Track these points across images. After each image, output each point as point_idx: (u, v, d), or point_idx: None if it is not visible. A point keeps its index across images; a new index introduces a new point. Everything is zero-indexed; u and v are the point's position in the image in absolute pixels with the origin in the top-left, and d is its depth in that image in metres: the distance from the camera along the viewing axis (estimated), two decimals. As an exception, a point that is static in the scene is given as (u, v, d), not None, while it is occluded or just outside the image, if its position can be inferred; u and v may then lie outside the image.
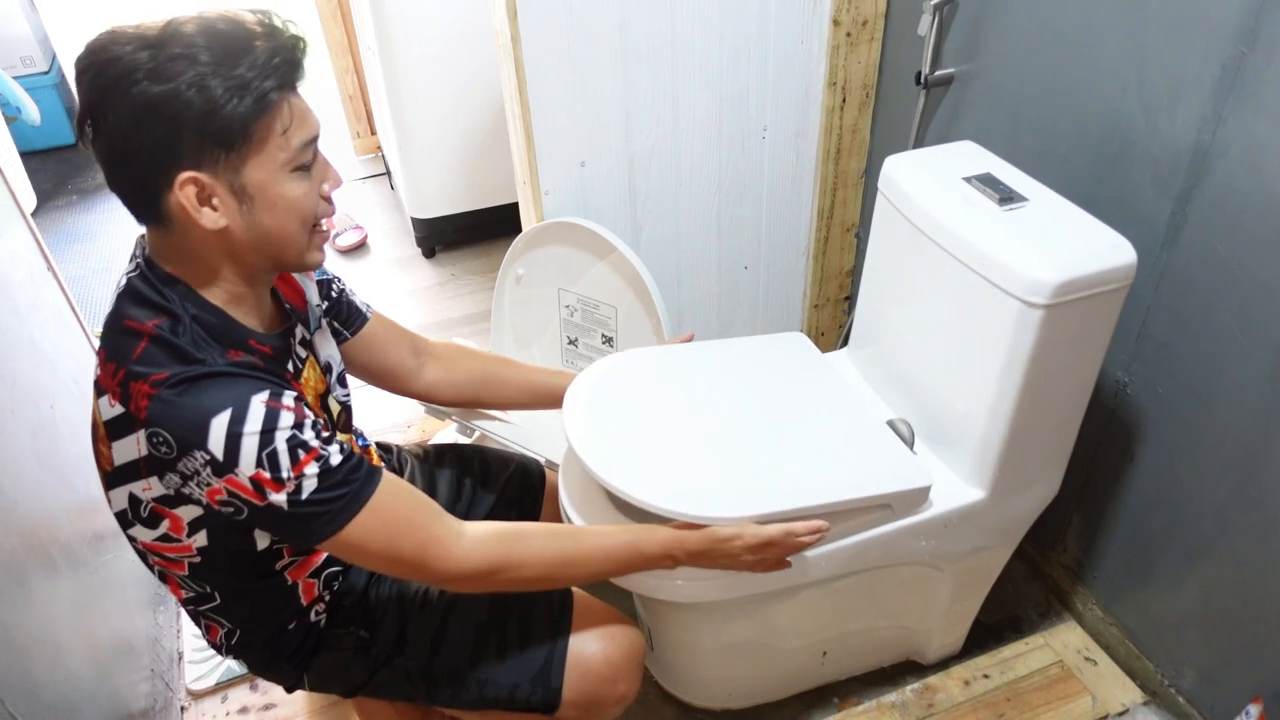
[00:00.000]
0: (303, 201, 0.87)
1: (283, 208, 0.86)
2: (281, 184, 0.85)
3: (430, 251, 2.76)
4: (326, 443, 0.87)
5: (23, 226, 1.63)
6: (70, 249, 2.86)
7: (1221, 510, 1.24)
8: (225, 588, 1.00)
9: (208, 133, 0.79)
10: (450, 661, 1.09)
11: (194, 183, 0.80)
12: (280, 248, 0.89)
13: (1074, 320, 1.09)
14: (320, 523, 0.86)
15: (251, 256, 0.88)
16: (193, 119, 0.78)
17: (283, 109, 0.83)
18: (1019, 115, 1.40)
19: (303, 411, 0.86)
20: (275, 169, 0.84)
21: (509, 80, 1.49)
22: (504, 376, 1.31)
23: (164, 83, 0.76)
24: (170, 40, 0.78)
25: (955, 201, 1.19)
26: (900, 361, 1.35)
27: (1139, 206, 1.23)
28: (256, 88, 0.79)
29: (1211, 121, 1.10)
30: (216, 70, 0.78)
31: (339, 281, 1.16)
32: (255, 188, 0.83)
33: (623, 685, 1.12)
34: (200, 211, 0.82)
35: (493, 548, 0.96)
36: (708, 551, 1.05)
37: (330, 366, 1.10)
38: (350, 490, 0.87)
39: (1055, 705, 1.44)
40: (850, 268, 1.96)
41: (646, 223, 1.70)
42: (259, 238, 0.86)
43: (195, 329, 0.85)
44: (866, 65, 1.68)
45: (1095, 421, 1.36)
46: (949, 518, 1.23)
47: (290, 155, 0.84)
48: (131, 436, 0.83)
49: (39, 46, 3.26)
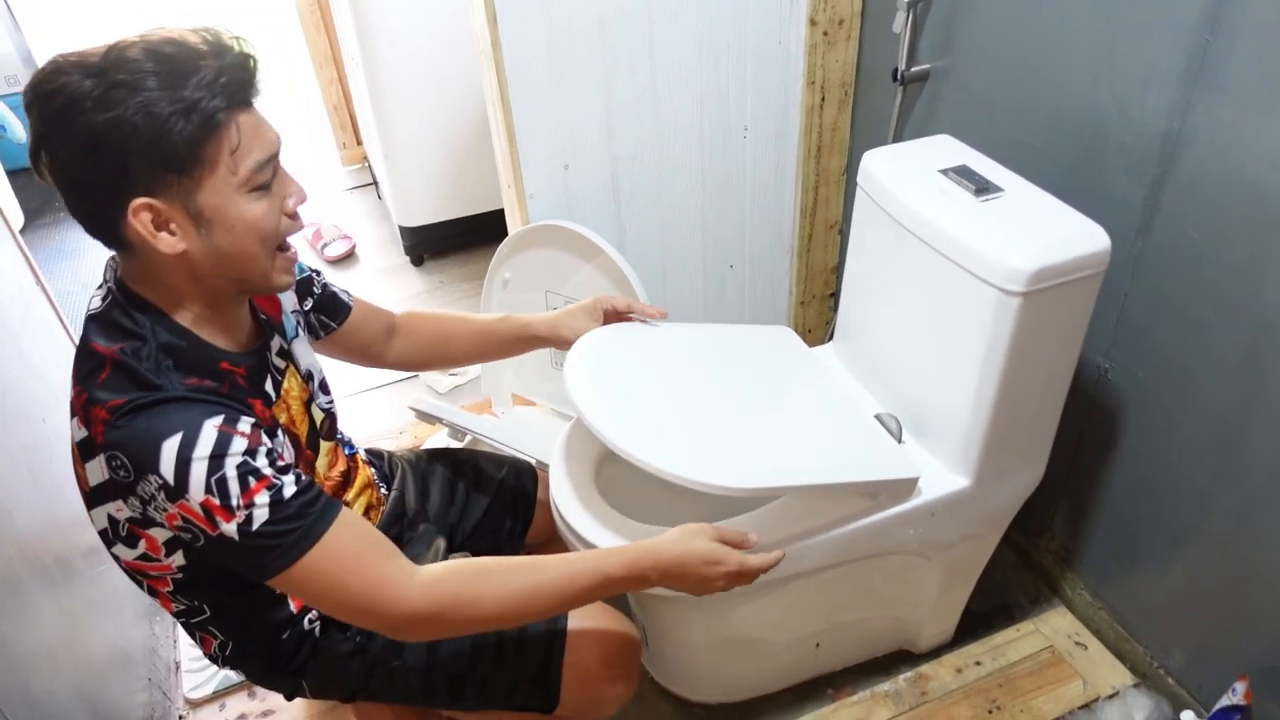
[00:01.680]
0: (262, 221, 0.85)
1: (241, 229, 0.84)
2: (238, 205, 0.83)
3: (419, 259, 2.77)
4: (282, 472, 0.85)
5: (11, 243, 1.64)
6: (59, 265, 2.86)
7: (1203, 492, 1.26)
8: (213, 601, 1.00)
9: (156, 158, 0.77)
10: (448, 664, 1.10)
11: (148, 209, 0.79)
12: (243, 269, 0.87)
13: (1052, 307, 1.10)
14: (271, 556, 0.83)
15: (215, 280, 0.87)
16: (140, 145, 0.76)
17: (230, 129, 0.80)
18: (994, 108, 1.42)
19: (259, 439, 0.84)
20: (230, 191, 0.82)
21: (490, 86, 1.50)
22: (454, 332, 1.30)
23: (109, 110, 0.75)
24: (114, 66, 0.76)
25: (932, 194, 1.21)
26: (884, 354, 1.37)
27: (1113, 194, 1.25)
28: (204, 108, 0.77)
29: (1180, 109, 1.13)
30: (162, 94, 0.76)
31: (319, 276, 1.16)
32: (211, 210, 0.82)
33: (620, 684, 1.13)
34: (157, 237, 0.80)
35: (448, 586, 0.90)
36: (683, 573, 0.97)
37: (311, 374, 1.10)
38: (303, 525, 0.84)
39: (1047, 690, 1.45)
40: (835, 264, 1.97)
41: (631, 224, 1.71)
42: (219, 260, 0.85)
43: (160, 355, 0.84)
44: (844, 63, 1.70)
45: (1077, 408, 1.38)
46: (935, 506, 1.25)
47: (246, 176, 0.82)
48: (95, 460, 0.83)
49: (23, 65, 3.26)
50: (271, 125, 0.86)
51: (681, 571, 0.96)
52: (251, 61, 0.83)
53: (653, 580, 0.96)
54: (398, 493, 1.25)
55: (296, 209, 0.90)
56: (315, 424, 1.08)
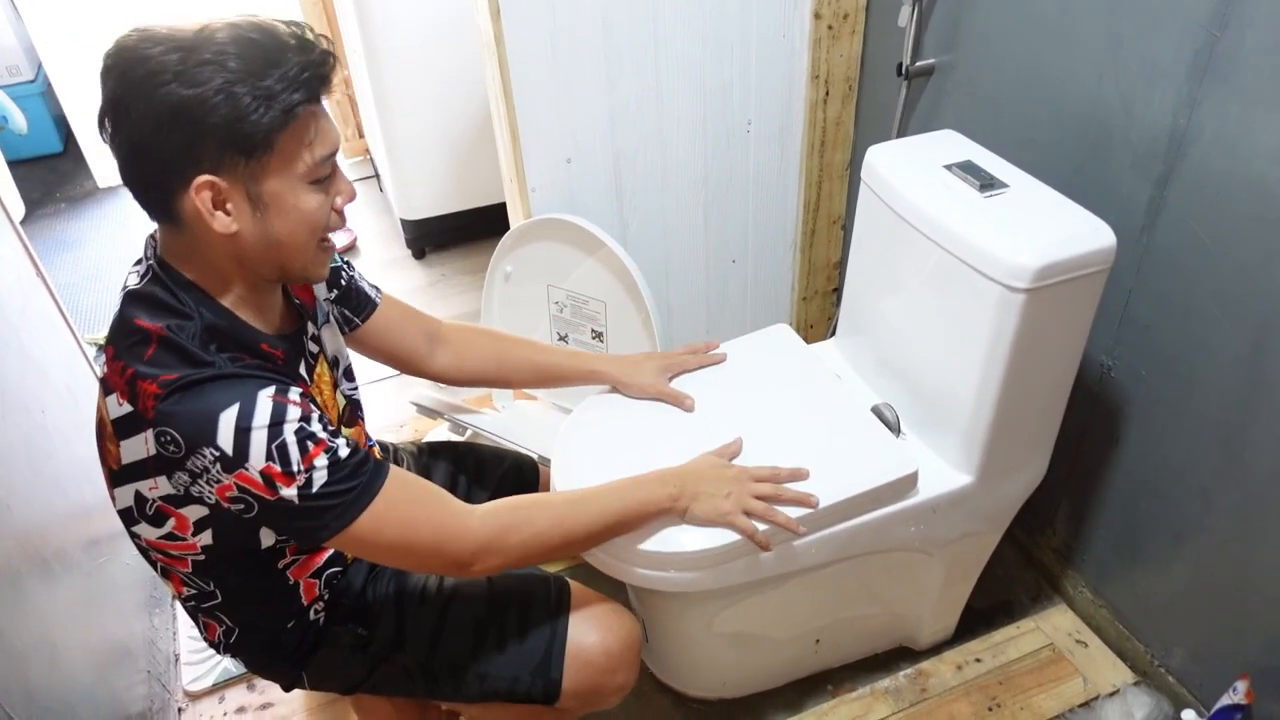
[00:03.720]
0: (316, 213, 0.88)
1: (295, 218, 0.87)
2: (298, 194, 0.86)
3: (420, 253, 2.76)
4: (334, 435, 0.88)
5: (11, 234, 1.64)
6: (60, 256, 2.85)
7: (1206, 490, 1.25)
8: (227, 585, 1.00)
9: (230, 140, 0.79)
10: (450, 655, 1.10)
11: (210, 187, 0.81)
12: (288, 257, 0.89)
13: (1056, 304, 1.10)
14: (332, 515, 0.87)
15: (258, 264, 0.89)
16: (217, 125, 0.78)
17: (308, 123, 0.83)
18: (999, 104, 1.41)
19: (309, 406, 0.87)
20: (294, 180, 0.85)
21: (493, 80, 1.50)
22: (514, 360, 1.30)
23: (192, 87, 0.77)
24: (202, 45, 0.78)
25: (937, 189, 1.20)
26: (887, 350, 1.36)
27: (1118, 191, 1.24)
28: (284, 100, 0.80)
29: (1187, 105, 1.12)
30: (245, 78, 0.78)
31: (348, 268, 1.16)
32: (271, 196, 0.84)
33: (621, 674, 1.13)
34: (214, 215, 0.82)
35: (503, 515, 0.98)
36: (699, 474, 1.12)
37: (337, 361, 1.11)
38: (360, 483, 0.88)
39: (1047, 687, 1.45)
40: (837, 260, 1.97)
41: (633, 218, 1.71)
42: (268, 246, 0.87)
43: (205, 335, 0.86)
44: (848, 58, 1.69)
45: (1080, 405, 1.38)
46: (937, 503, 1.24)
47: (310, 168, 0.85)
48: (140, 435, 0.84)
49: (25, 56, 3.26)
50: (334, 123, 0.88)
51: (698, 473, 1.12)
52: (332, 60, 0.85)
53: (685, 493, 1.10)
54: None
55: (344, 207, 0.92)
56: (340, 410, 1.09)
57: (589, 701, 1.13)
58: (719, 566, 1.14)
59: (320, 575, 1.08)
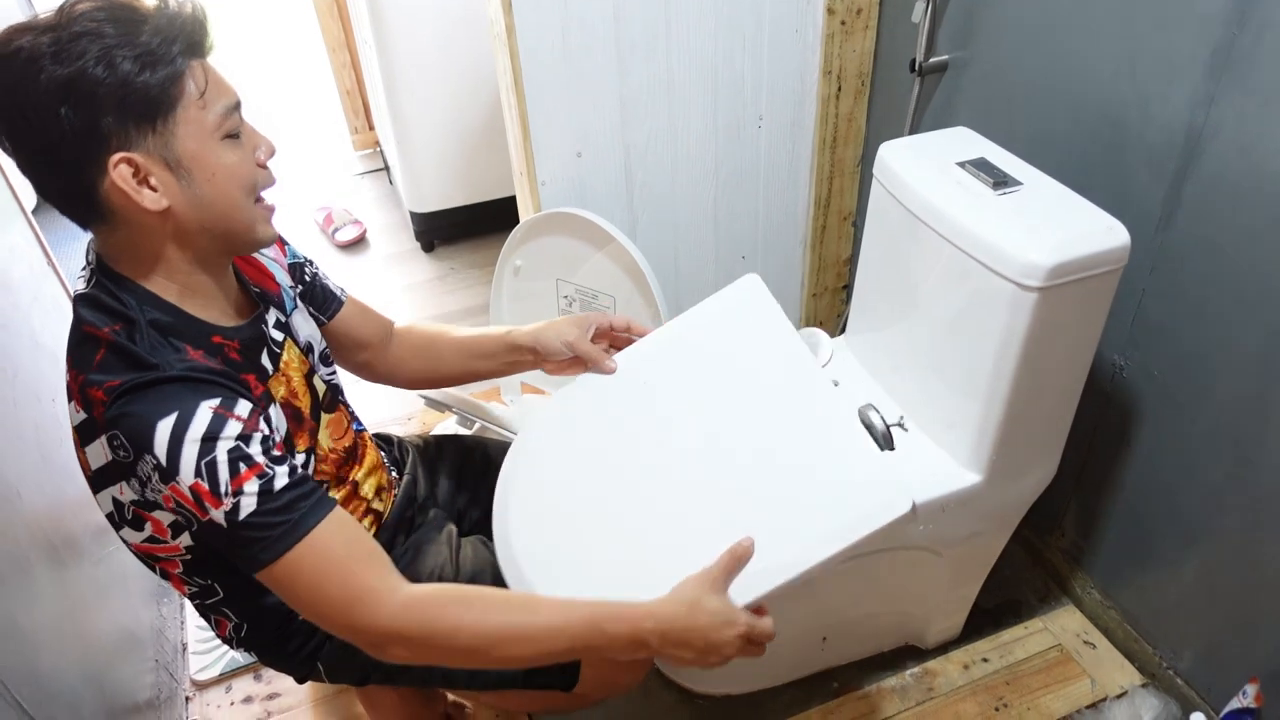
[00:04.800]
0: (239, 168, 0.85)
1: (222, 176, 0.83)
2: (215, 152, 0.83)
3: (429, 246, 2.76)
4: (276, 461, 0.82)
5: (23, 222, 1.64)
6: (70, 245, 2.85)
7: (1217, 492, 1.25)
8: (225, 582, 1.00)
9: (127, 107, 0.76)
10: None
11: (127, 163, 0.78)
12: (227, 221, 0.86)
13: (1069, 303, 1.09)
14: (258, 548, 0.81)
15: (199, 237, 0.86)
16: (109, 96, 0.75)
17: (196, 73, 0.80)
18: (1013, 100, 1.40)
19: (255, 424, 0.82)
20: (204, 137, 0.81)
21: (504, 72, 1.49)
22: (441, 344, 1.23)
23: (71, 63, 0.74)
24: (69, 21, 0.76)
25: (949, 186, 1.19)
26: (897, 347, 1.36)
27: (1133, 190, 1.23)
28: (164, 53, 0.77)
29: (1204, 104, 1.11)
30: (121, 42, 0.75)
31: (311, 265, 1.14)
32: (189, 159, 0.81)
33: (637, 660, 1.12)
34: (140, 193, 0.79)
35: (428, 610, 0.84)
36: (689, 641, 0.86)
37: (311, 347, 1.09)
38: (291, 519, 0.81)
39: (1054, 688, 1.45)
40: (848, 256, 1.96)
41: (643, 212, 1.70)
42: (204, 213, 0.84)
43: (152, 333, 0.83)
44: (861, 53, 1.68)
45: (1092, 405, 1.37)
46: (946, 502, 1.24)
47: (214, 122, 0.82)
48: (97, 442, 0.83)
49: (37, 45, 3.26)
50: (229, 83, 0.85)
51: (687, 640, 0.86)
52: (201, 11, 0.82)
53: (653, 648, 0.87)
54: (409, 477, 1.25)
55: (268, 161, 0.89)
56: (318, 395, 1.07)
57: (604, 688, 1.13)
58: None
59: None
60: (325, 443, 1.07)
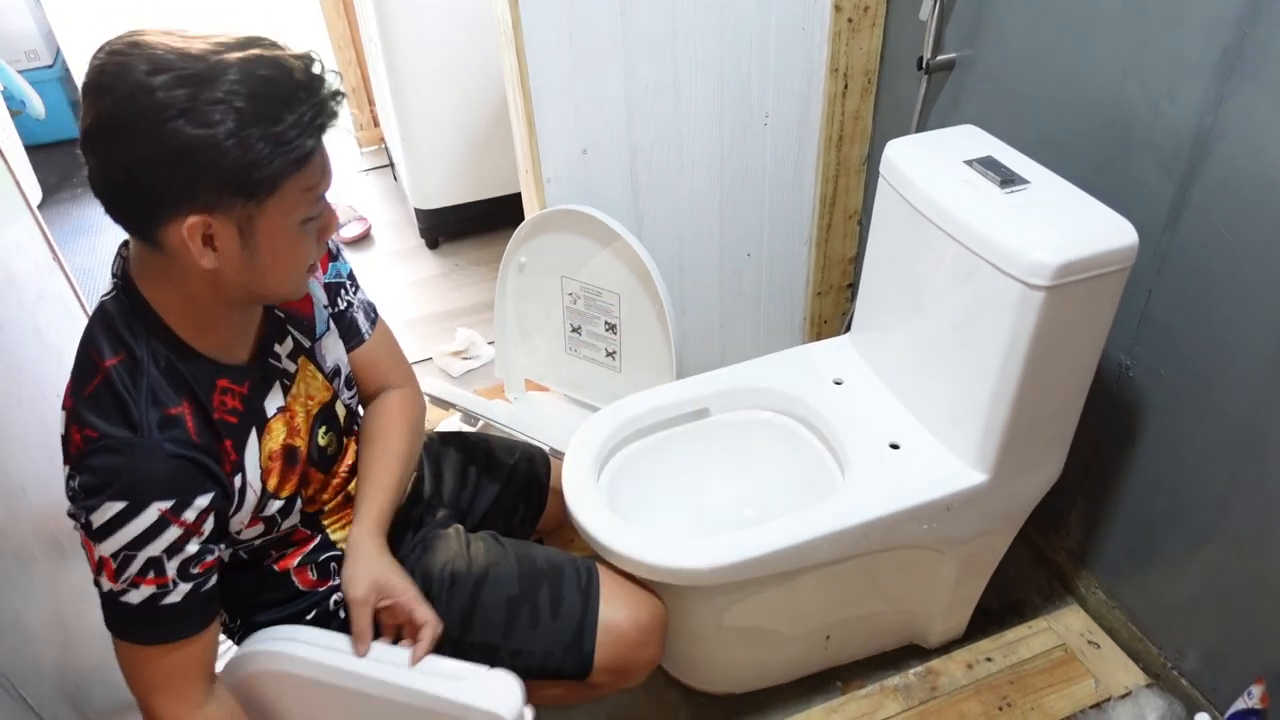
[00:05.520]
0: (303, 251, 0.86)
1: (285, 255, 0.84)
2: (290, 236, 0.83)
3: (434, 243, 2.76)
4: (184, 578, 0.85)
5: (29, 218, 1.64)
6: (77, 241, 2.87)
7: (1224, 493, 1.24)
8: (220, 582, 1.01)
9: (235, 181, 0.75)
10: (483, 635, 1.11)
11: (204, 225, 0.77)
12: (269, 289, 0.87)
13: (1076, 302, 1.09)
14: (112, 620, 0.87)
15: (236, 291, 0.86)
16: (223, 168, 0.74)
17: (315, 166, 0.80)
18: (1021, 99, 1.40)
19: (197, 529, 0.84)
20: (288, 221, 0.82)
21: (510, 68, 1.49)
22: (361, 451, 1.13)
23: (202, 127, 0.72)
24: (212, 80, 0.73)
25: (956, 185, 1.19)
26: (902, 346, 1.35)
27: (1141, 188, 1.23)
28: (297, 145, 0.76)
29: (1213, 103, 1.10)
30: (257, 122, 0.74)
31: (349, 291, 1.11)
32: (264, 236, 0.81)
33: (651, 648, 1.15)
34: (203, 253, 0.79)
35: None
36: None
37: (339, 370, 1.08)
38: (150, 630, 0.87)
39: (1058, 688, 1.44)
40: (853, 255, 1.95)
41: (649, 210, 1.70)
42: (251, 278, 0.84)
43: (154, 375, 0.84)
44: (868, 51, 1.67)
45: (1098, 404, 1.36)
46: (951, 501, 1.23)
47: (306, 210, 0.83)
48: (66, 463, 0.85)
49: (43, 41, 3.27)
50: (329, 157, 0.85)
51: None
52: (340, 97, 0.82)
53: None
54: (416, 474, 1.25)
55: (324, 245, 0.90)
56: (340, 421, 1.08)
57: (619, 676, 1.15)
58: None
59: (311, 562, 1.07)
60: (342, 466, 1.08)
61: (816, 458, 1.38)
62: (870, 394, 1.39)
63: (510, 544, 1.20)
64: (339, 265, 1.10)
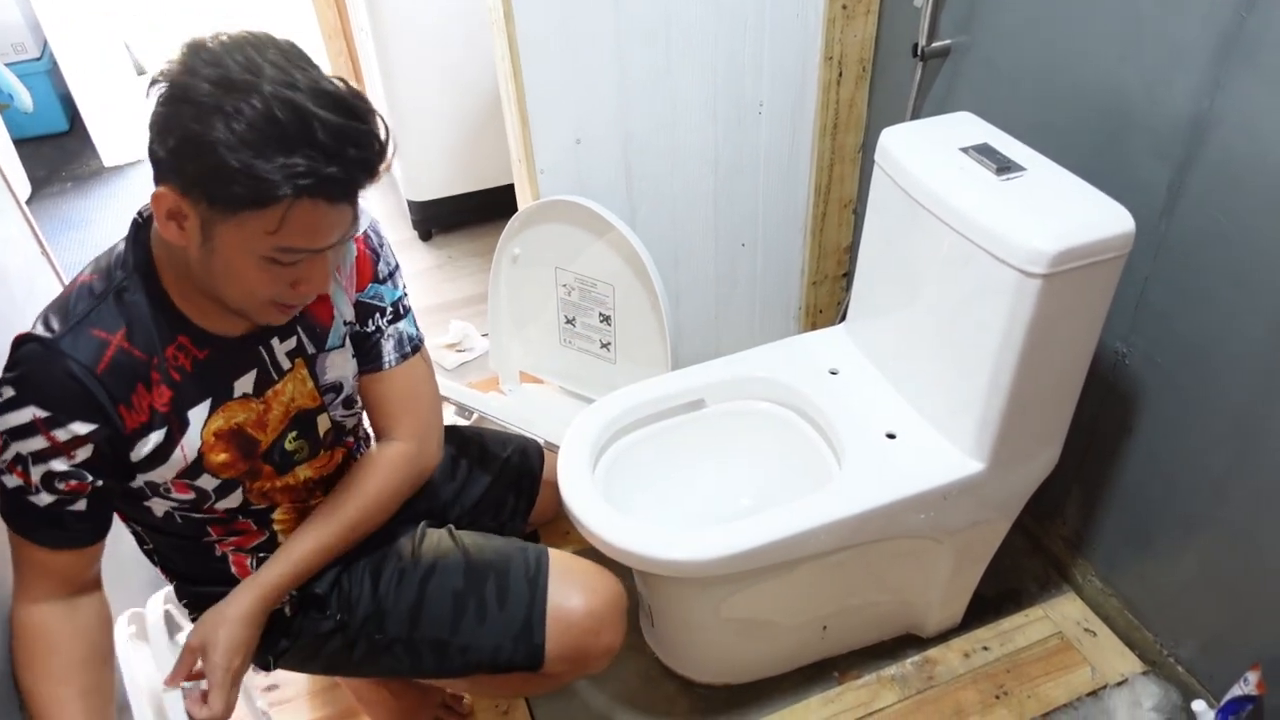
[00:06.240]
0: (256, 286, 0.84)
1: (236, 280, 0.84)
2: (245, 262, 0.82)
3: (427, 234, 2.75)
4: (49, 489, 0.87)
5: (17, 213, 1.62)
6: (65, 236, 2.85)
7: (1220, 480, 1.24)
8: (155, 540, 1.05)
9: (205, 184, 0.77)
10: (431, 632, 1.10)
11: (171, 199, 0.79)
12: (224, 296, 0.87)
13: (1072, 290, 1.08)
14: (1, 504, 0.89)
15: (200, 279, 0.87)
16: (202, 166, 0.76)
17: (277, 214, 0.78)
18: (1017, 86, 1.39)
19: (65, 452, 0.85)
20: (245, 249, 0.81)
21: (502, 58, 1.48)
22: None
23: (197, 124, 0.75)
24: (235, 92, 0.75)
25: (952, 172, 1.18)
26: (898, 335, 1.35)
27: (1138, 175, 1.22)
28: (266, 185, 0.75)
29: (1210, 88, 1.10)
30: (246, 145, 0.75)
31: (384, 317, 1.07)
32: (221, 246, 0.81)
33: (606, 635, 1.12)
34: (165, 224, 0.81)
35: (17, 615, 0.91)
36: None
37: (339, 386, 1.06)
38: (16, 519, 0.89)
39: (1054, 676, 1.45)
40: (848, 244, 1.95)
41: (643, 200, 1.69)
42: (207, 276, 0.85)
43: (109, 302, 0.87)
44: (863, 38, 1.66)
45: (1094, 393, 1.36)
46: (948, 490, 1.23)
47: (262, 252, 0.81)
48: None
49: (30, 33, 3.23)
50: (343, 225, 0.83)
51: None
52: (373, 163, 0.81)
53: None
54: None
55: (303, 295, 0.88)
56: (318, 432, 1.06)
57: (576, 664, 1.13)
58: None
59: (253, 555, 1.07)
60: (302, 474, 1.07)
61: (812, 448, 1.38)
62: (866, 383, 1.38)
63: (464, 537, 1.18)
64: (382, 289, 1.06)
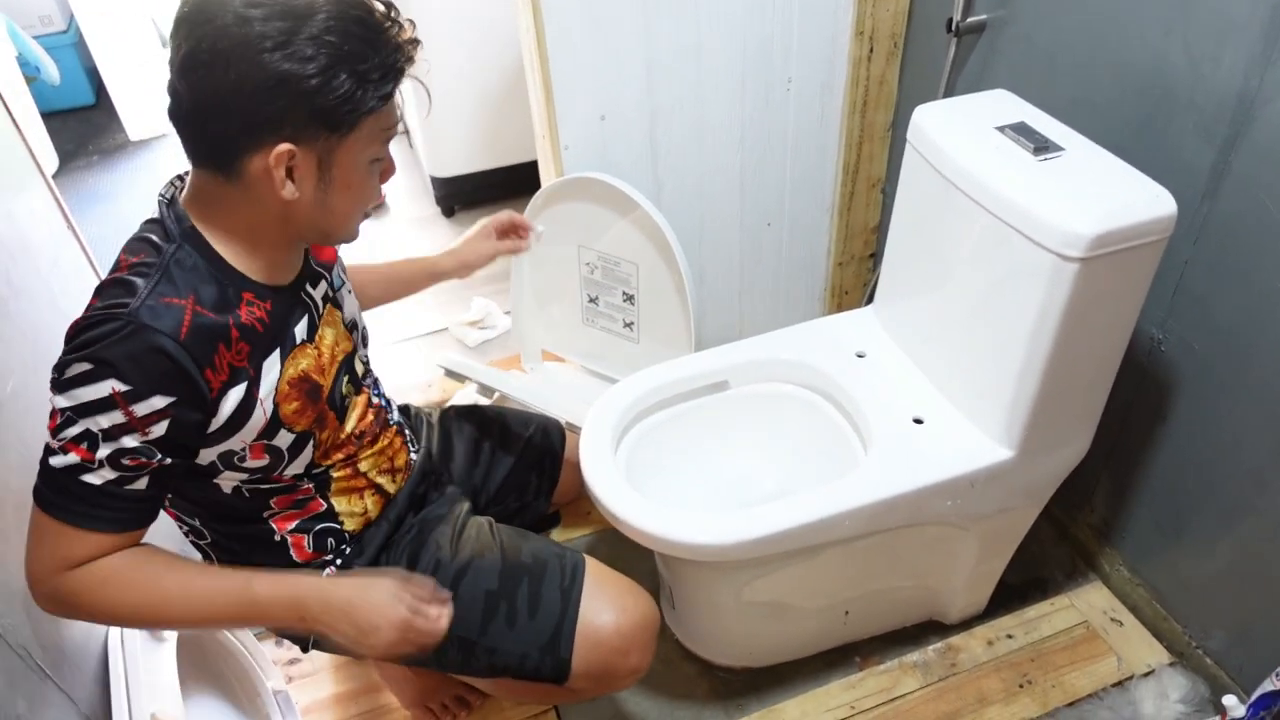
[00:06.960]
0: (368, 189, 0.90)
1: (355, 192, 0.88)
2: (361, 173, 0.87)
3: (450, 210, 2.74)
4: (114, 465, 0.82)
5: (43, 187, 1.63)
6: (92, 209, 2.86)
7: (1259, 470, 1.21)
8: (208, 527, 1.03)
9: (323, 114, 0.80)
10: (459, 629, 1.08)
11: (290, 155, 0.81)
12: (335, 226, 0.91)
13: (1110, 274, 1.05)
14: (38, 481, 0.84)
15: (303, 228, 0.90)
16: (313, 101, 0.78)
17: (392, 107, 0.85)
18: (1055, 62, 1.35)
19: (141, 429, 0.81)
20: (362, 159, 0.86)
21: (527, 31, 1.46)
22: (366, 277, 1.28)
23: (296, 62, 0.77)
24: (306, 17, 0.77)
25: (987, 152, 1.15)
26: (927, 318, 1.32)
27: (1180, 156, 1.18)
28: (380, 87, 0.81)
29: (1260, 65, 1.06)
30: (346, 59, 0.78)
31: None
32: (339, 169, 0.85)
33: (634, 656, 1.11)
34: (284, 184, 0.82)
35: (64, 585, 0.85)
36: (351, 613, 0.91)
37: (356, 324, 1.09)
38: (59, 501, 0.82)
39: (1080, 666, 1.43)
40: (876, 224, 1.91)
41: (668, 178, 1.66)
42: (319, 214, 0.88)
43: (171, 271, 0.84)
44: (895, 13, 1.62)
45: (1127, 379, 1.33)
46: (976, 477, 1.21)
47: (378, 148, 0.87)
48: None
49: (57, 6, 3.24)
50: None
51: (350, 612, 0.91)
52: (416, 44, 0.87)
53: (313, 614, 0.91)
54: (424, 450, 1.24)
55: (385, 184, 0.94)
56: (358, 376, 1.08)
57: (601, 682, 1.12)
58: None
59: (309, 531, 1.07)
60: (350, 425, 1.06)
61: (838, 432, 1.36)
62: (893, 367, 1.36)
63: (503, 532, 1.17)
64: None
